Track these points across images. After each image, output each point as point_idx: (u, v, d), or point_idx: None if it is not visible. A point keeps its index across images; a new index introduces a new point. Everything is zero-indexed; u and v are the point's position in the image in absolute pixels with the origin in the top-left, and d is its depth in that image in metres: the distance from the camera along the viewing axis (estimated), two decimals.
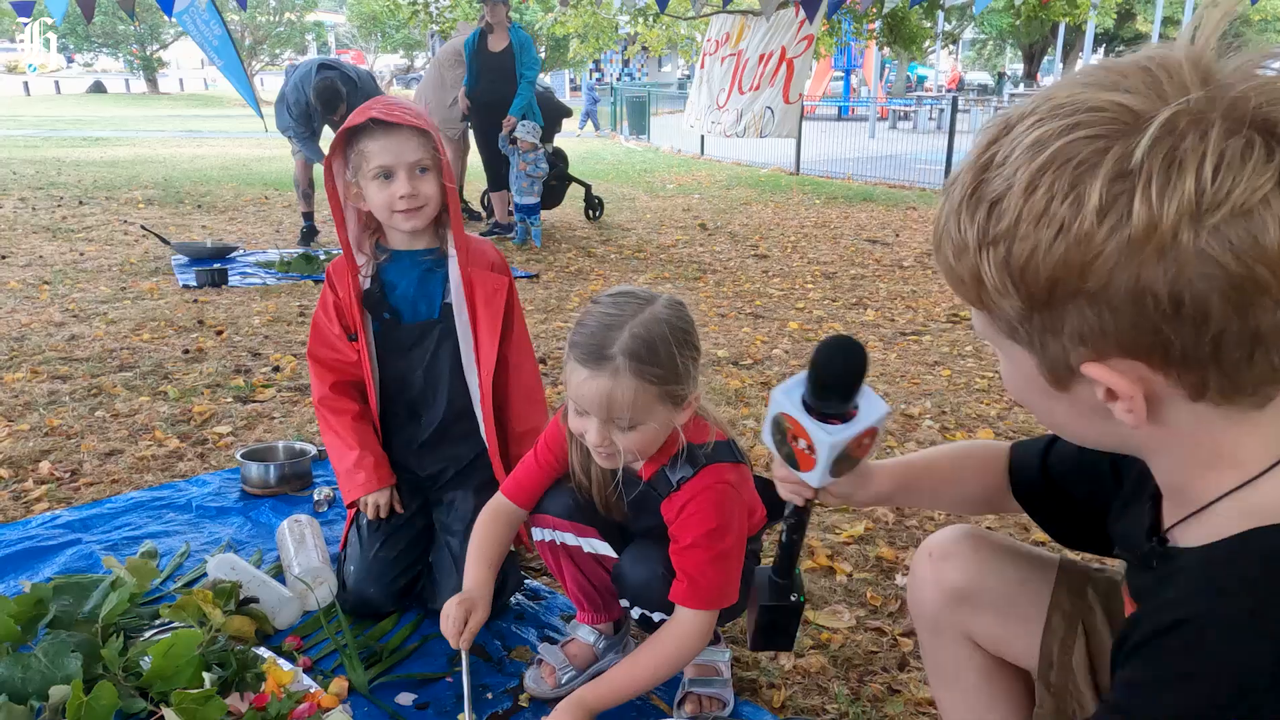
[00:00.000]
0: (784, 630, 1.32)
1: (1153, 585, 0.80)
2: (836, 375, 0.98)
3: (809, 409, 1.00)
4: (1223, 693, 0.66)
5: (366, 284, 1.98)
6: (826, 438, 0.98)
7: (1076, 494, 1.06)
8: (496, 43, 6.53)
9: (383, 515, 1.97)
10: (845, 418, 1.00)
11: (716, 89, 6.94)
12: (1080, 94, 0.63)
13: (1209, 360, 0.64)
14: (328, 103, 5.79)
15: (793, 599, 1.27)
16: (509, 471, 1.84)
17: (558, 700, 1.47)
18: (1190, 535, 0.77)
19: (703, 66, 7.34)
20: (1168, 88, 0.61)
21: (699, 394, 1.46)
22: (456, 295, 1.97)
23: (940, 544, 1.20)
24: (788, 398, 1.01)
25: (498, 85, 6.50)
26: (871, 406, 1.00)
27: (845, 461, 1.02)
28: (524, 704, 1.66)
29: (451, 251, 1.97)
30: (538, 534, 1.68)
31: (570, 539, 1.63)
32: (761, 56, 6.64)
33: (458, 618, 1.52)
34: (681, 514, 1.46)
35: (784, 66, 6.64)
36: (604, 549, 1.61)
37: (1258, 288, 0.60)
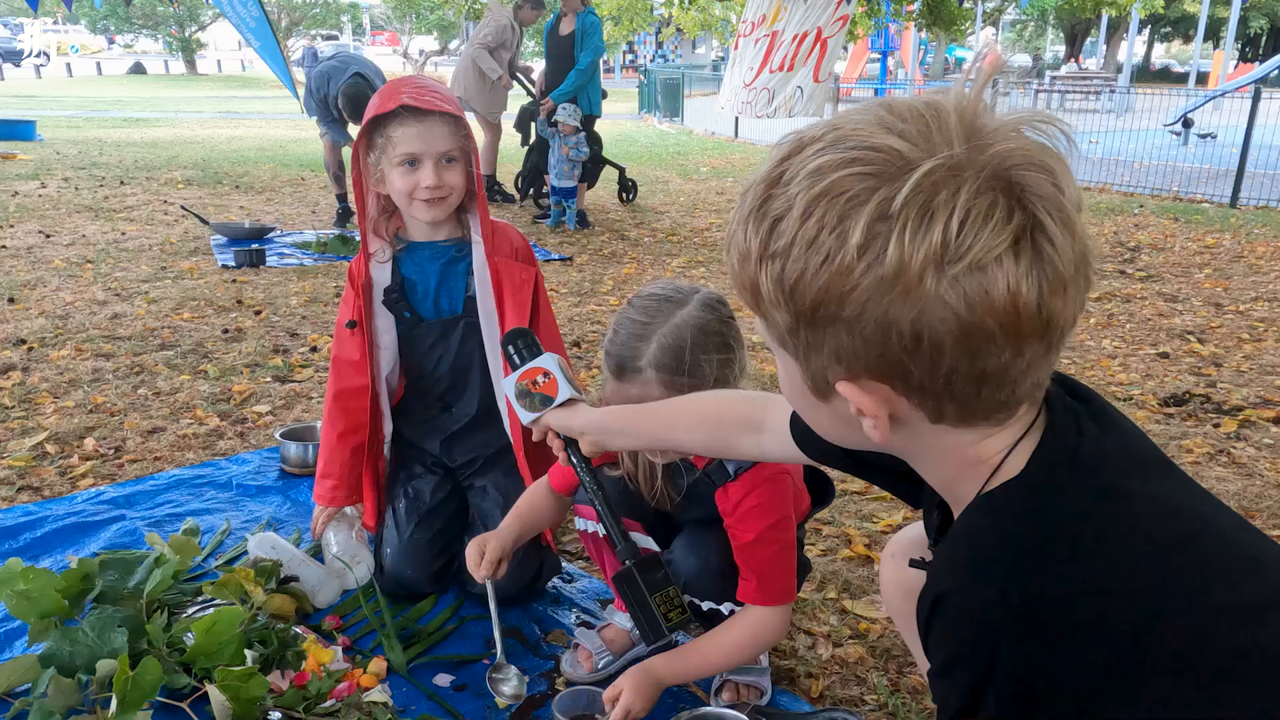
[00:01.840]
0: (638, 601, 1.32)
1: None
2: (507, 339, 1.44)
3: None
4: (980, 655, 0.71)
5: (386, 278, 1.92)
6: (507, 379, 1.41)
7: (888, 465, 1.00)
8: (565, 26, 6.55)
9: (317, 534, 2.07)
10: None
11: (745, 68, 6.82)
12: (862, 131, 0.67)
13: (943, 391, 0.71)
14: (354, 108, 5.60)
15: (625, 565, 1.35)
16: (533, 469, 1.84)
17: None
18: None
19: (736, 48, 7.24)
20: (936, 138, 0.65)
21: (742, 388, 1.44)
22: (482, 287, 1.91)
23: (900, 543, 1.30)
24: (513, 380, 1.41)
25: (558, 69, 6.52)
26: (541, 358, 1.39)
27: (528, 398, 1.37)
28: (560, 688, 1.67)
29: (476, 238, 1.91)
30: (580, 524, 1.67)
31: None
32: (795, 36, 6.52)
33: (474, 553, 1.56)
34: (740, 507, 1.45)
35: (818, 46, 6.53)
36: (646, 542, 1.60)
37: (985, 335, 0.66)
